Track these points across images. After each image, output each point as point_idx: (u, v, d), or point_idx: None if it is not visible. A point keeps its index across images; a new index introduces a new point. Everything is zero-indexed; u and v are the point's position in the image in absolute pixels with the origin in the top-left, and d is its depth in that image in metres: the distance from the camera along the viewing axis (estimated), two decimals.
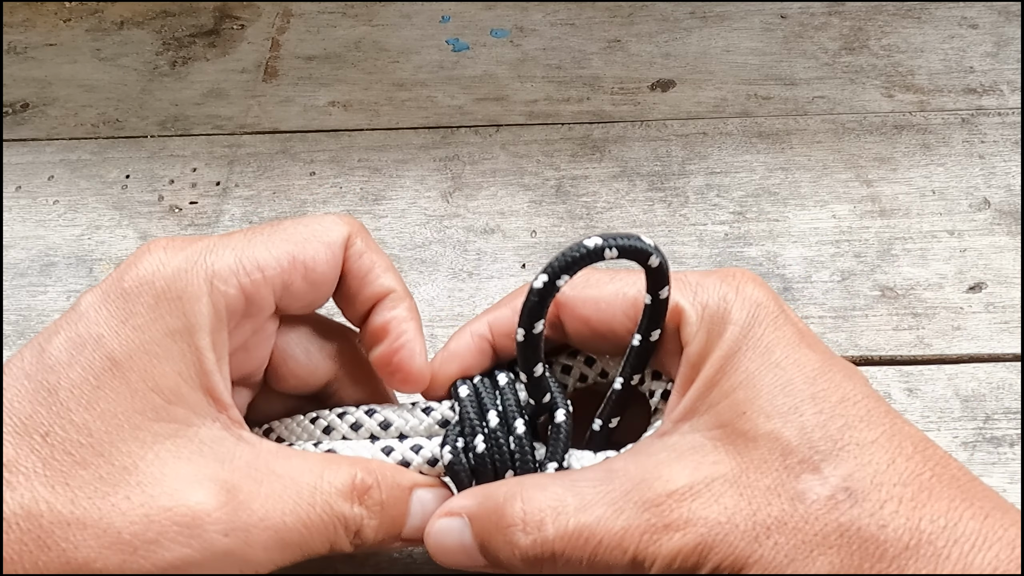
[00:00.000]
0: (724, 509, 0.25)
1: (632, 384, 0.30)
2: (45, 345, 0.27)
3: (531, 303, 0.27)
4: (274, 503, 0.26)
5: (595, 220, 0.48)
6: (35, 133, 0.54)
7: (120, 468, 0.25)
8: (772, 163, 0.50)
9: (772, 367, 0.27)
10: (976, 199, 0.48)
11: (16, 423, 0.26)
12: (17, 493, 0.25)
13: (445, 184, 0.51)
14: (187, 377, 0.27)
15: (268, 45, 0.59)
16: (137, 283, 0.27)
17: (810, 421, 0.26)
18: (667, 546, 0.25)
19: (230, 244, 0.29)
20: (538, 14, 0.60)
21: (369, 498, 0.28)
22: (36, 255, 0.48)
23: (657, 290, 0.28)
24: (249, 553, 0.26)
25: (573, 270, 0.26)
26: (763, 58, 0.56)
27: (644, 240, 0.27)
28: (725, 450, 0.26)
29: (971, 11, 0.58)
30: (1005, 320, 0.43)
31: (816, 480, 0.25)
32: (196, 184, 0.51)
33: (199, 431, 0.27)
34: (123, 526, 0.25)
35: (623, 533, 0.26)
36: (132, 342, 0.27)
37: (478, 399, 0.30)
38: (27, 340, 0.44)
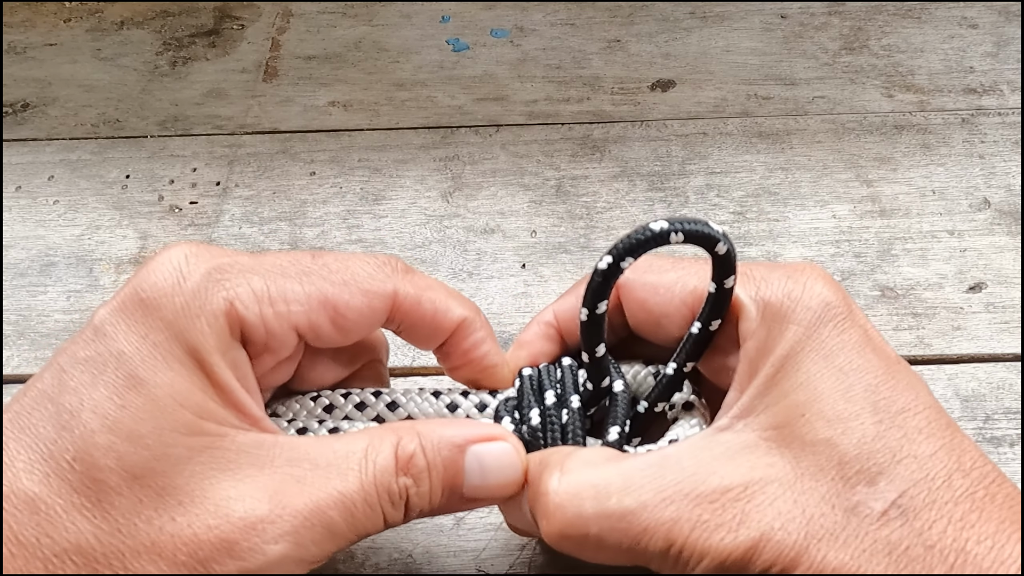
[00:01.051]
0: (779, 514, 0.25)
1: (685, 371, 0.30)
2: (65, 365, 0.26)
3: (595, 284, 0.27)
4: (318, 499, 0.26)
5: (595, 220, 0.48)
6: (35, 133, 0.54)
7: (159, 489, 0.25)
8: (772, 163, 0.50)
9: (835, 372, 0.26)
10: (976, 199, 0.48)
11: (43, 450, 0.24)
12: (61, 527, 0.24)
13: (445, 184, 0.51)
14: (212, 395, 0.26)
15: (268, 45, 0.59)
16: (155, 295, 0.26)
17: (870, 431, 0.25)
18: (719, 544, 0.25)
19: (261, 269, 0.28)
20: (538, 14, 0.60)
21: (413, 466, 0.27)
22: (36, 255, 0.48)
23: (722, 279, 0.27)
24: (301, 552, 0.25)
25: (637, 253, 0.26)
26: (763, 58, 0.56)
27: (712, 226, 0.26)
28: (781, 453, 0.26)
29: (971, 11, 0.58)
30: (1005, 320, 0.43)
31: (871, 493, 0.25)
32: (196, 184, 0.51)
33: (234, 439, 0.26)
34: (175, 549, 0.24)
35: (671, 524, 0.25)
36: (153, 359, 0.25)
37: (539, 380, 0.31)
38: (27, 340, 0.44)
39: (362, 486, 0.26)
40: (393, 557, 0.36)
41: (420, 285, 0.30)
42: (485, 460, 0.28)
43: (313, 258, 0.29)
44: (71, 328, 0.45)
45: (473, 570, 0.36)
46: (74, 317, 0.45)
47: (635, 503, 0.26)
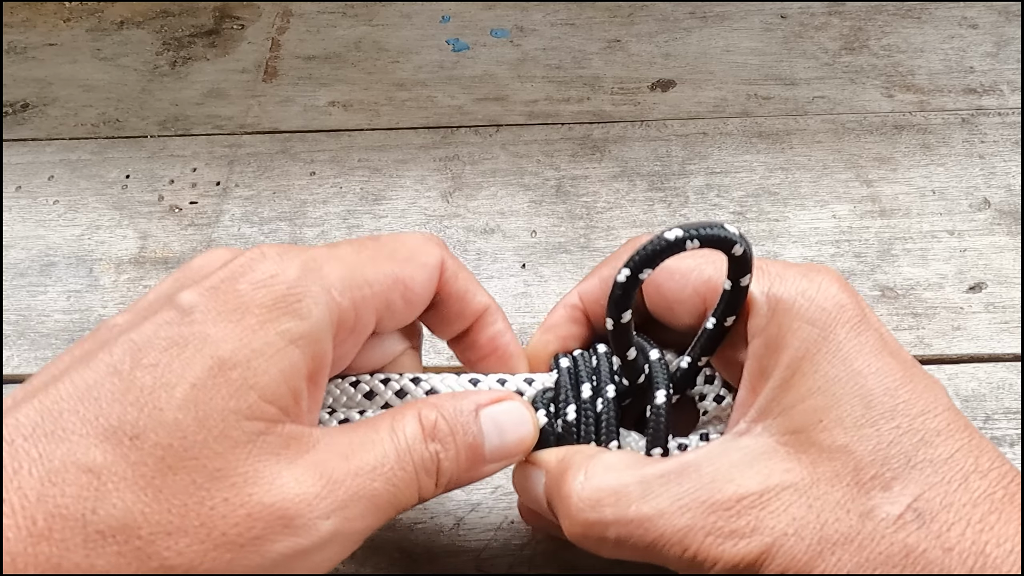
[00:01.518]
0: (792, 520, 0.25)
1: (699, 365, 0.30)
2: (140, 343, 0.25)
3: (616, 296, 0.28)
4: (361, 473, 0.27)
5: (595, 220, 0.48)
6: (35, 133, 0.54)
7: (213, 470, 0.25)
8: (772, 163, 0.50)
9: (853, 375, 0.27)
10: (976, 199, 0.48)
11: (105, 425, 0.24)
12: (109, 503, 0.23)
13: (445, 184, 0.51)
14: (288, 376, 0.26)
15: (268, 45, 0.59)
16: (254, 286, 0.26)
17: (886, 436, 0.26)
18: (731, 551, 0.25)
19: (340, 257, 0.29)
20: (538, 14, 0.60)
21: (438, 431, 0.28)
22: (36, 255, 0.48)
23: (738, 277, 0.27)
24: (349, 527, 0.26)
25: (655, 263, 0.26)
26: (763, 58, 0.56)
27: (728, 229, 0.26)
28: (798, 459, 0.26)
29: (971, 11, 0.58)
30: (1005, 320, 0.43)
31: (886, 498, 0.25)
32: (196, 184, 0.51)
33: (284, 427, 0.26)
34: (226, 528, 0.24)
35: (686, 531, 0.26)
36: (243, 342, 0.26)
37: (575, 371, 0.31)
38: (27, 340, 0.44)
39: (397, 454, 0.27)
40: (393, 557, 0.36)
41: (457, 262, 0.31)
42: (499, 419, 0.29)
43: (376, 242, 0.30)
44: (71, 328, 0.45)
45: (473, 570, 0.36)
46: (74, 317, 0.45)
47: (652, 510, 0.26)
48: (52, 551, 0.22)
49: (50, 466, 0.23)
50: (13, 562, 0.22)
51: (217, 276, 0.27)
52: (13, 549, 0.22)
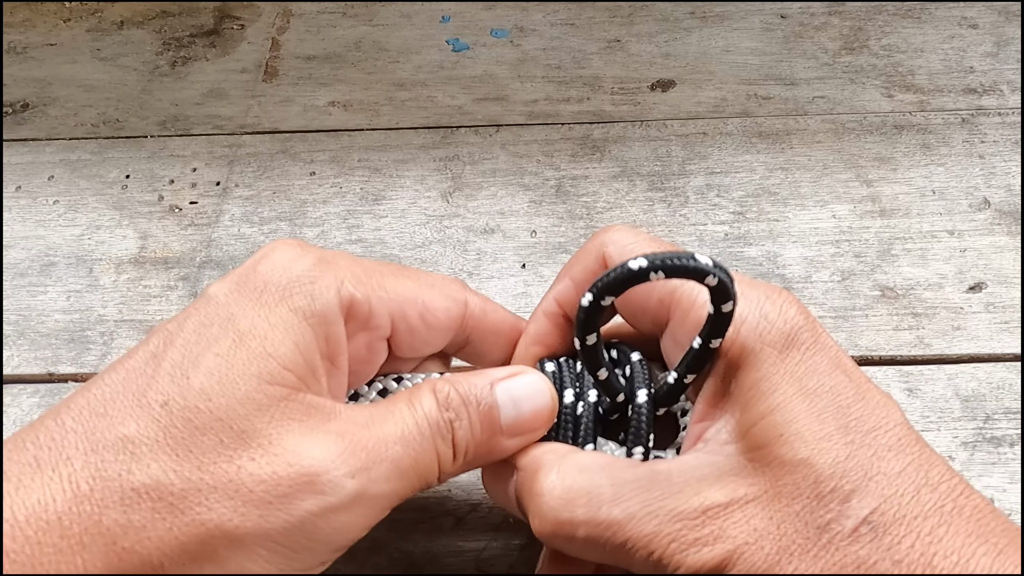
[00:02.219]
0: (753, 530, 0.26)
1: (685, 382, 0.30)
2: (173, 329, 0.28)
3: (580, 319, 0.28)
4: (382, 438, 0.28)
5: (595, 220, 0.48)
6: (35, 133, 0.54)
7: (239, 432, 0.26)
8: (772, 163, 0.50)
9: (808, 394, 0.28)
10: (976, 199, 0.48)
11: (140, 398, 0.26)
12: (143, 464, 0.25)
13: (445, 184, 0.51)
14: (303, 348, 0.28)
15: (268, 45, 0.59)
16: (271, 268, 0.29)
17: (843, 451, 0.27)
18: (693, 557, 0.26)
19: (359, 262, 0.31)
20: (538, 14, 0.60)
21: (451, 401, 0.29)
22: (36, 255, 0.48)
23: (719, 304, 0.27)
24: (374, 488, 0.27)
25: (617, 292, 0.27)
26: (763, 58, 0.56)
27: (699, 259, 0.26)
28: (762, 472, 0.27)
29: (971, 11, 0.58)
30: (1005, 320, 0.43)
31: (843, 511, 0.26)
32: (196, 184, 0.51)
33: (306, 396, 0.28)
34: (253, 485, 0.26)
35: (652, 536, 0.27)
36: (260, 316, 0.28)
37: (560, 376, 0.32)
38: (27, 340, 0.44)
39: (415, 421, 0.28)
40: (393, 557, 0.36)
41: (481, 298, 0.33)
42: (514, 392, 0.30)
43: (400, 266, 0.32)
44: (71, 328, 0.45)
45: (473, 570, 0.36)
46: (74, 317, 0.45)
47: (623, 514, 0.27)
48: (92, 509, 0.25)
49: (93, 438, 0.26)
50: (59, 520, 0.25)
51: (240, 268, 0.30)
52: (60, 509, 0.25)
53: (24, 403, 0.42)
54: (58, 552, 0.24)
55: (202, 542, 0.25)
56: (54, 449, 0.26)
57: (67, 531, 0.25)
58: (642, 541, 0.27)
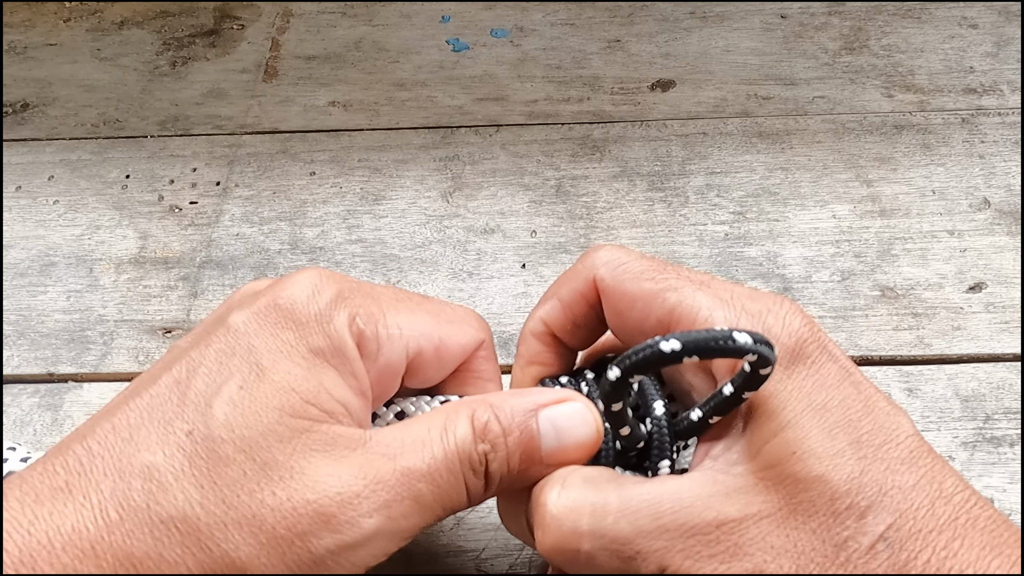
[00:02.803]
0: (771, 547, 0.26)
1: (710, 423, 0.29)
2: (196, 358, 0.28)
3: (605, 391, 0.27)
4: (407, 473, 0.27)
5: (595, 220, 0.48)
6: (35, 133, 0.54)
7: (261, 464, 0.26)
8: (772, 163, 0.50)
9: (818, 410, 0.27)
10: (976, 199, 0.48)
11: (166, 427, 0.27)
12: (170, 495, 0.26)
13: (445, 184, 0.51)
14: (329, 387, 0.28)
15: (268, 45, 0.59)
16: (291, 304, 0.29)
17: (856, 467, 0.26)
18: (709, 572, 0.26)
19: (379, 296, 0.30)
20: (538, 14, 0.60)
21: (489, 431, 0.28)
22: (36, 255, 0.48)
23: (758, 368, 0.27)
24: (394, 526, 0.27)
25: (646, 371, 0.26)
26: (763, 58, 0.56)
27: (738, 340, 0.25)
28: (776, 490, 0.27)
29: (971, 11, 0.58)
30: (1005, 320, 0.43)
31: (859, 528, 0.26)
32: (196, 184, 0.51)
33: (331, 427, 0.28)
34: (275, 522, 0.26)
35: (664, 552, 0.26)
36: (279, 351, 0.28)
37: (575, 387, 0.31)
38: (27, 340, 0.44)
39: (445, 455, 0.28)
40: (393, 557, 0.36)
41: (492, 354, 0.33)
42: (558, 421, 0.29)
43: (424, 297, 0.32)
44: (71, 328, 0.45)
45: (473, 570, 0.36)
46: (74, 317, 0.45)
47: (631, 528, 0.26)
48: (123, 540, 0.25)
49: (119, 465, 0.26)
50: (92, 549, 0.25)
51: (262, 299, 0.29)
52: (92, 538, 0.25)
53: (24, 403, 0.42)
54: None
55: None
56: (83, 475, 0.26)
57: (101, 561, 0.25)
58: (653, 556, 0.26)
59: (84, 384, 0.43)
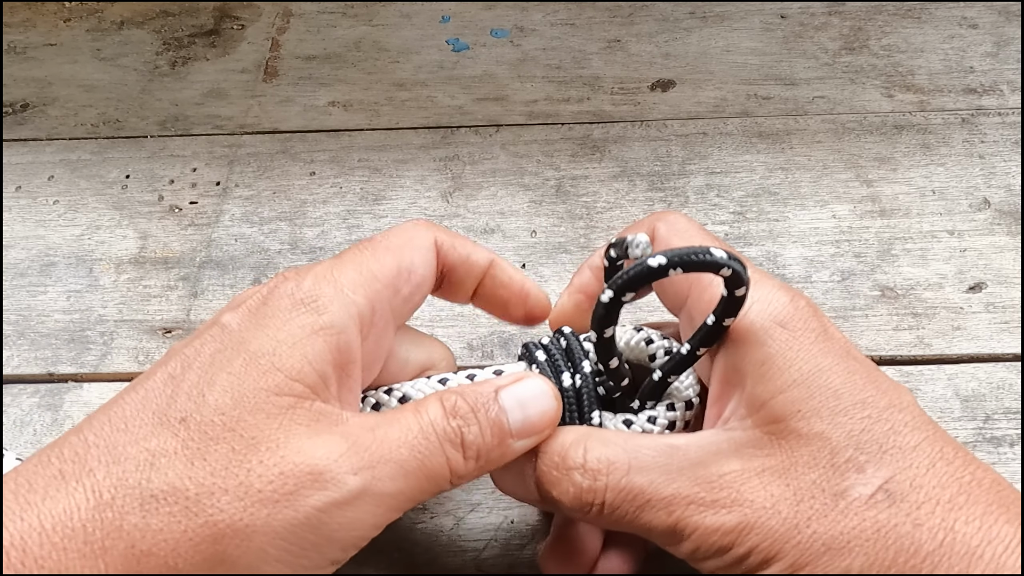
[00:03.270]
0: (770, 496, 0.27)
1: (698, 354, 0.31)
2: (192, 355, 0.30)
3: (599, 314, 0.29)
4: (386, 441, 0.29)
5: (595, 220, 0.48)
6: (35, 133, 0.54)
7: (249, 439, 0.28)
8: (772, 163, 0.50)
9: (823, 371, 0.29)
10: (976, 199, 0.48)
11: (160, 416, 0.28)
12: (161, 473, 0.27)
13: (445, 184, 0.51)
14: (312, 359, 0.29)
15: (268, 45, 0.59)
16: (278, 297, 0.31)
17: (858, 425, 0.28)
18: (711, 519, 0.28)
19: (346, 262, 0.32)
20: (538, 14, 0.60)
21: (459, 410, 0.30)
22: (36, 255, 0.48)
23: (733, 289, 0.29)
24: (379, 486, 0.28)
25: (636, 288, 0.28)
26: (763, 58, 0.56)
27: (714, 253, 0.27)
28: (779, 445, 0.28)
29: (971, 11, 0.58)
30: (1005, 320, 0.43)
31: (859, 479, 0.27)
32: (196, 184, 0.51)
33: (314, 404, 0.29)
34: (262, 486, 0.27)
35: (671, 499, 0.28)
36: (269, 337, 0.29)
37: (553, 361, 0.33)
38: (27, 340, 0.44)
39: (420, 427, 0.29)
40: (393, 557, 0.36)
41: (451, 234, 0.34)
42: (520, 396, 0.31)
43: (373, 241, 0.33)
44: (71, 328, 0.45)
45: (473, 570, 0.36)
46: (74, 317, 0.45)
47: (644, 480, 0.29)
48: (114, 516, 0.26)
49: (115, 452, 0.28)
50: (83, 527, 0.26)
51: (251, 299, 0.31)
52: (84, 517, 0.26)
53: (24, 403, 0.42)
54: (82, 556, 0.26)
55: (214, 542, 0.26)
56: (77, 462, 0.28)
57: (90, 537, 0.26)
58: (662, 504, 0.28)
59: (84, 384, 0.43)
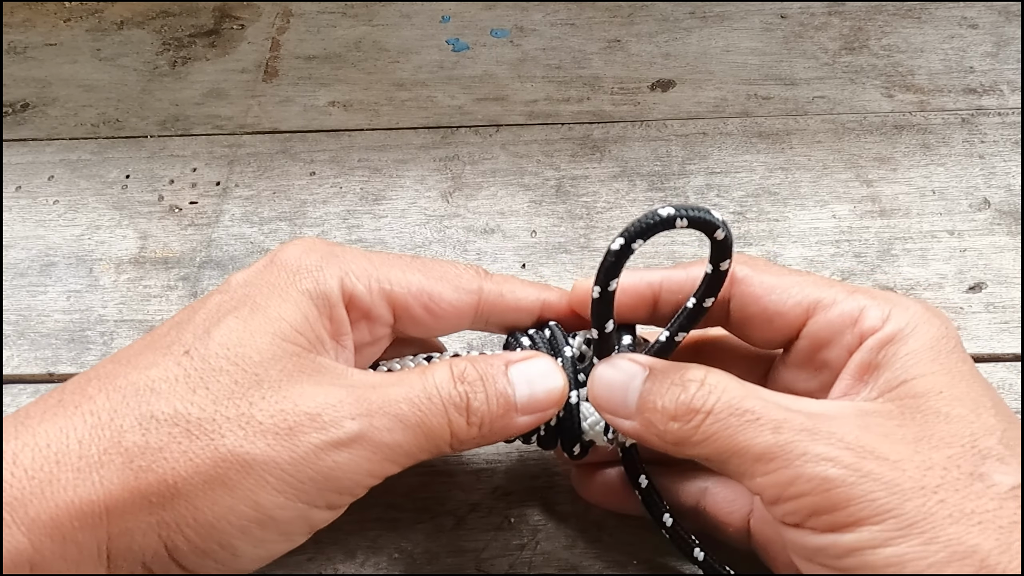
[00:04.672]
0: (897, 453, 0.26)
1: (676, 340, 0.32)
2: (197, 306, 0.31)
3: (608, 263, 0.29)
4: (388, 397, 0.29)
5: (595, 220, 0.48)
6: (35, 133, 0.54)
7: (252, 376, 0.28)
8: (772, 163, 0.50)
9: (967, 373, 0.28)
10: (976, 199, 0.48)
11: (164, 349, 0.29)
12: (163, 399, 0.28)
13: (445, 184, 0.51)
14: (311, 321, 0.30)
15: (268, 45, 0.59)
16: (284, 259, 0.32)
17: (999, 424, 0.27)
18: (823, 448, 0.26)
19: (369, 256, 0.33)
20: (538, 14, 0.60)
21: (467, 376, 0.31)
22: (36, 255, 0.48)
23: (719, 262, 0.29)
24: (376, 435, 0.29)
25: (647, 235, 0.28)
26: (763, 58, 0.56)
27: (714, 214, 0.29)
28: (912, 417, 0.27)
29: (971, 11, 0.58)
30: (1005, 320, 0.43)
31: (1002, 469, 0.26)
32: (196, 184, 0.51)
33: (317, 358, 0.30)
34: (263, 419, 0.28)
35: (782, 422, 0.27)
36: (273, 293, 0.31)
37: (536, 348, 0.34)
38: (27, 340, 0.44)
39: (424, 387, 0.30)
40: (393, 557, 0.36)
41: (498, 280, 0.34)
42: (528, 372, 0.31)
43: (413, 258, 0.34)
44: (71, 328, 0.45)
45: (473, 570, 0.36)
46: (74, 317, 0.45)
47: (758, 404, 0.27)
48: (112, 434, 0.27)
49: (116, 382, 0.28)
50: (79, 443, 0.27)
51: (258, 262, 0.33)
52: (79, 435, 0.27)
53: (24, 403, 0.42)
54: (76, 470, 0.26)
55: (216, 465, 0.27)
56: (77, 392, 0.28)
57: (86, 452, 0.27)
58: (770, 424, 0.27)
59: None
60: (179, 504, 0.27)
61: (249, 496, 0.27)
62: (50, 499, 0.26)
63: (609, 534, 0.37)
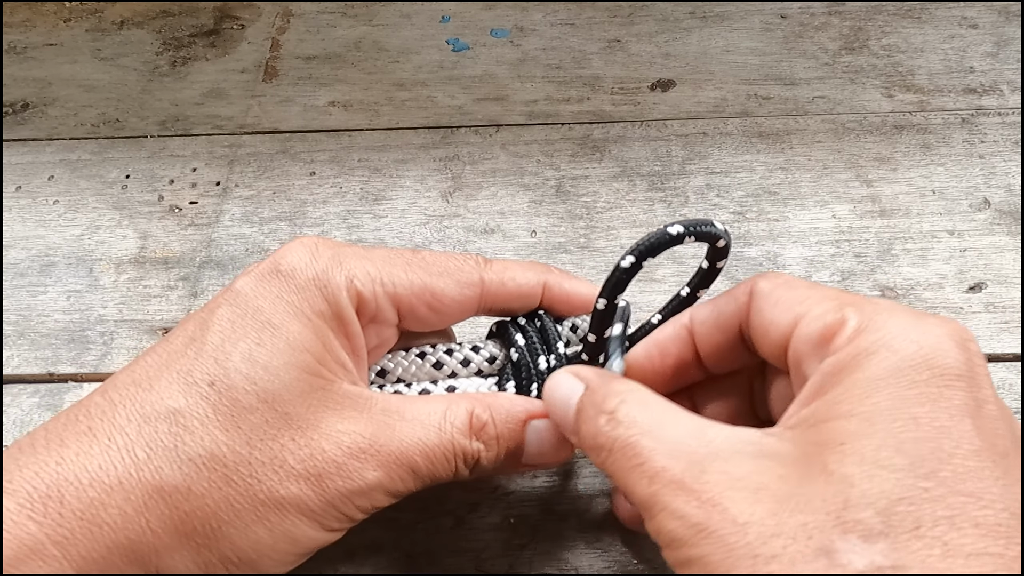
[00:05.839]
0: (750, 514, 0.23)
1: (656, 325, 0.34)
2: (207, 318, 0.30)
3: (617, 279, 0.31)
4: (406, 444, 0.30)
5: (595, 220, 0.48)
6: (35, 133, 0.54)
7: (282, 414, 0.29)
8: (772, 163, 0.50)
9: (906, 419, 0.24)
10: (976, 199, 0.48)
11: (186, 377, 0.29)
12: (197, 437, 0.28)
13: (445, 184, 0.51)
14: (330, 348, 0.31)
15: (268, 45, 0.59)
16: (290, 268, 0.31)
17: (904, 492, 0.22)
18: (680, 505, 0.24)
19: (372, 257, 0.33)
20: (538, 14, 0.60)
21: (485, 433, 0.32)
22: (36, 255, 0.48)
23: (715, 261, 0.32)
24: (391, 484, 0.30)
25: (656, 253, 0.30)
26: (763, 58, 0.56)
27: (716, 226, 0.31)
28: (798, 470, 0.24)
29: (971, 11, 0.58)
30: (1005, 320, 0.43)
31: (861, 549, 0.22)
32: (196, 184, 0.51)
33: (341, 386, 0.31)
34: (295, 463, 0.29)
35: (659, 471, 0.25)
36: (286, 312, 0.30)
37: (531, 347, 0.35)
38: (27, 340, 0.44)
39: (441, 441, 0.31)
40: (393, 557, 0.36)
41: (498, 269, 0.35)
42: (543, 434, 0.33)
43: (413, 254, 0.34)
44: (71, 328, 0.45)
45: (473, 570, 0.36)
46: (74, 317, 0.45)
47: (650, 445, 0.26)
48: (152, 476, 0.27)
49: (143, 411, 0.28)
50: (120, 484, 0.27)
51: (262, 265, 0.32)
52: (120, 475, 0.27)
53: (24, 403, 0.42)
54: (123, 514, 0.27)
55: (255, 509, 0.28)
56: (105, 420, 0.28)
57: (129, 495, 0.27)
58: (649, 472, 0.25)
59: (84, 384, 0.43)
60: (222, 543, 0.28)
61: (285, 533, 0.29)
62: (99, 541, 0.27)
63: (610, 534, 0.37)
